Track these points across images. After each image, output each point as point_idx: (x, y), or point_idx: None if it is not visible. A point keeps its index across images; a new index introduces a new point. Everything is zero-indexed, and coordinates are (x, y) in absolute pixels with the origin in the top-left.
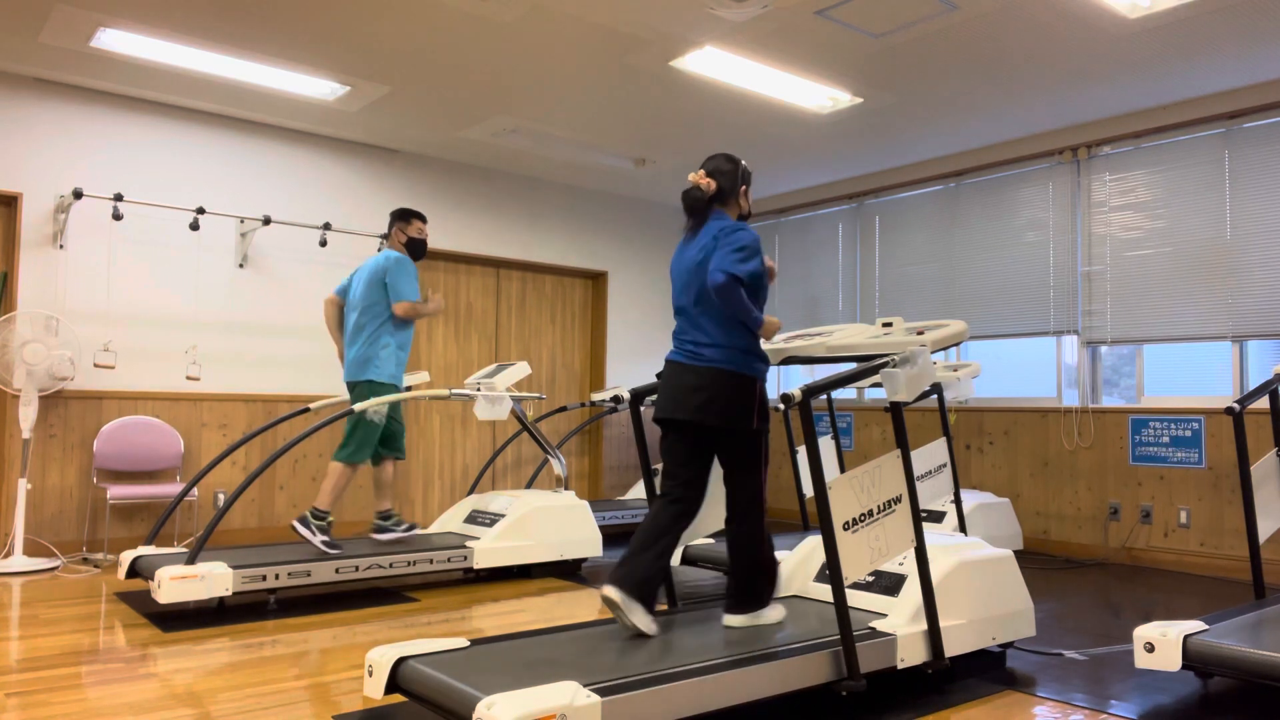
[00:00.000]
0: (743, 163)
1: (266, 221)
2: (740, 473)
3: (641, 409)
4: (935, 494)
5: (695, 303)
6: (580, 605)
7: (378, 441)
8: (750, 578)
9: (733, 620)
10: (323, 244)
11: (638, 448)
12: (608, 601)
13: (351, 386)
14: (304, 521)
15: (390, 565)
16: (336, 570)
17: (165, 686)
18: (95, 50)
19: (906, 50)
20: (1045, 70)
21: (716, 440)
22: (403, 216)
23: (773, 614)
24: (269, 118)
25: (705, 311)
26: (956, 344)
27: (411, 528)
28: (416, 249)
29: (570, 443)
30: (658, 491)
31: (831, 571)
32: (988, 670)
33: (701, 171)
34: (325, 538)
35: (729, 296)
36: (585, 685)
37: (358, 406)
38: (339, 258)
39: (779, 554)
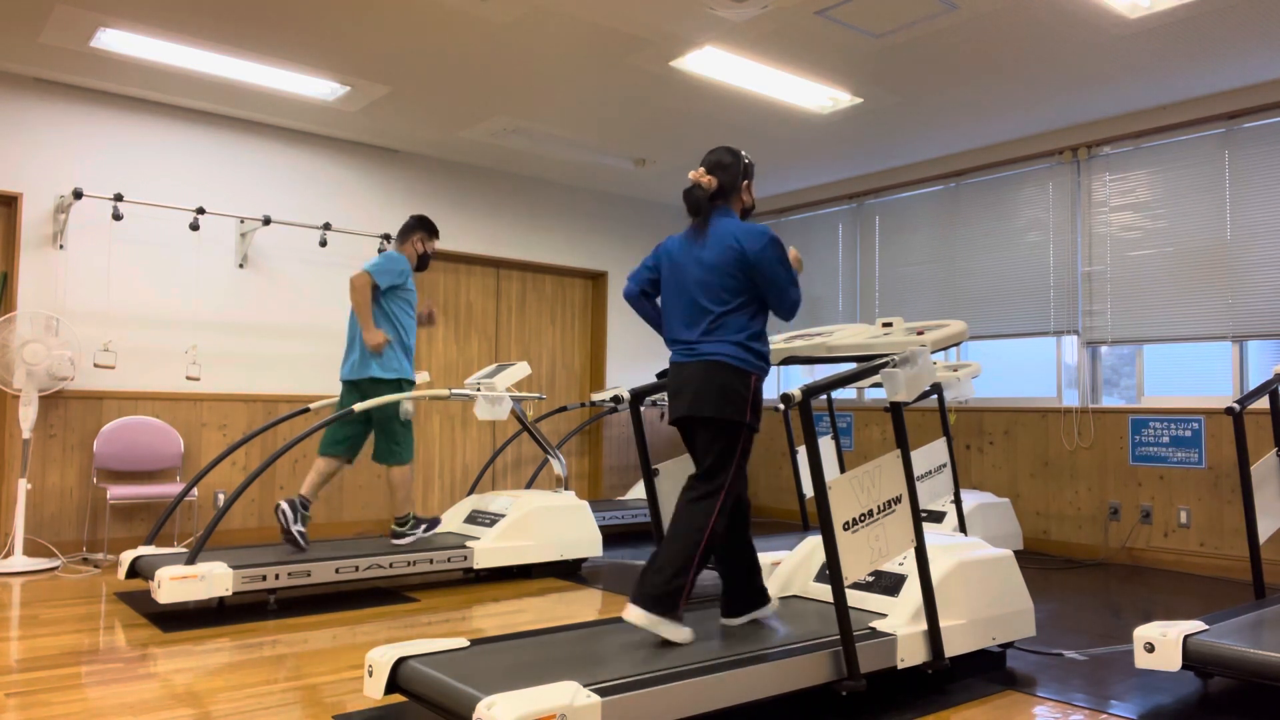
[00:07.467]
0: (744, 155)
1: (266, 221)
2: (710, 466)
3: (641, 409)
4: (935, 494)
5: (700, 300)
6: (580, 605)
7: (354, 437)
8: (671, 571)
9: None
10: (323, 244)
11: (638, 448)
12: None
13: (353, 385)
14: (396, 536)
15: (390, 565)
16: (336, 570)
17: (165, 686)
18: (95, 50)
19: (906, 50)
20: (1045, 70)
21: (702, 429)
22: (430, 229)
23: (765, 610)
24: (269, 118)
25: (709, 310)
26: (956, 344)
27: (303, 535)
28: (424, 262)
29: (570, 443)
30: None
31: (831, 571)
32: (988, 670)
33: (701, 169)
34: (423, 525)
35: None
36: (585, 685)
37: (358, 407)
38: (339, 258)
39: (780, 555)
